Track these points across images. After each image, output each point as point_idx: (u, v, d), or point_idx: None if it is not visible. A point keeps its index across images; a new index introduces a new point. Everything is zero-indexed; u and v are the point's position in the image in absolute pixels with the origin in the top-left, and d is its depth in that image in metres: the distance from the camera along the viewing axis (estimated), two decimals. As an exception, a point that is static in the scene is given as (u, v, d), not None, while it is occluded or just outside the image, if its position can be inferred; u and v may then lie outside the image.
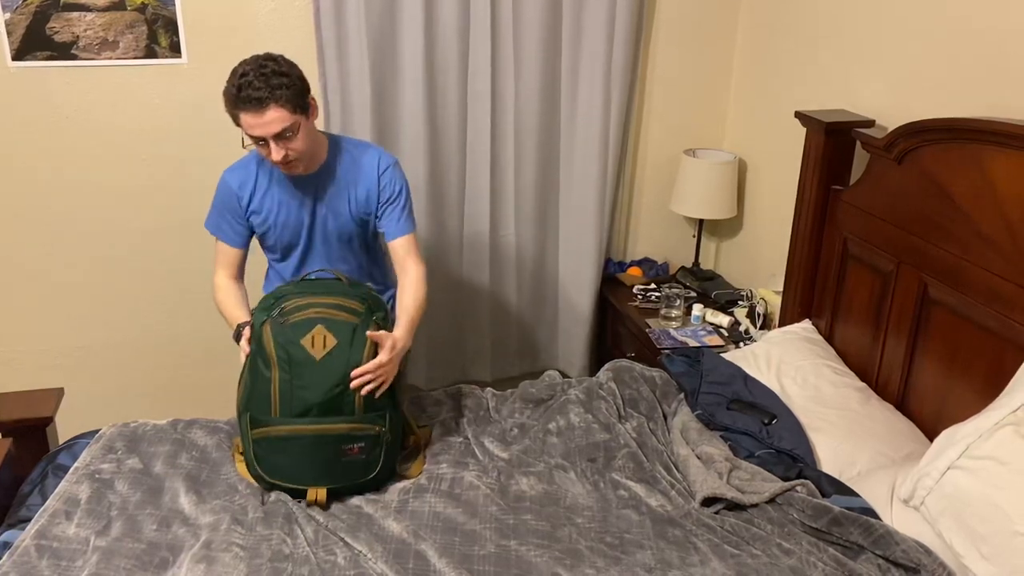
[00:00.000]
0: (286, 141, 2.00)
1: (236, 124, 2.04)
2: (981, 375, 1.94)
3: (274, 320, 1.92)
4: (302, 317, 1.92)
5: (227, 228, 2.22)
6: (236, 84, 1.96)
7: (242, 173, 2.20)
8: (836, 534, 1.76)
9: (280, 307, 1.94)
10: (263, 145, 2.02)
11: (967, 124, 1.94)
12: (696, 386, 2.29)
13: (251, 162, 2.21)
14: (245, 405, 1.95)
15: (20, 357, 3.05)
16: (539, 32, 2.93)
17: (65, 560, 1.71)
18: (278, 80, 1.96)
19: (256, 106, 1.95)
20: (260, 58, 2.00)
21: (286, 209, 2.20)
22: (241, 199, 2.19)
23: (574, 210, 3.20)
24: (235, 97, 1.97)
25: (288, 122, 1.98)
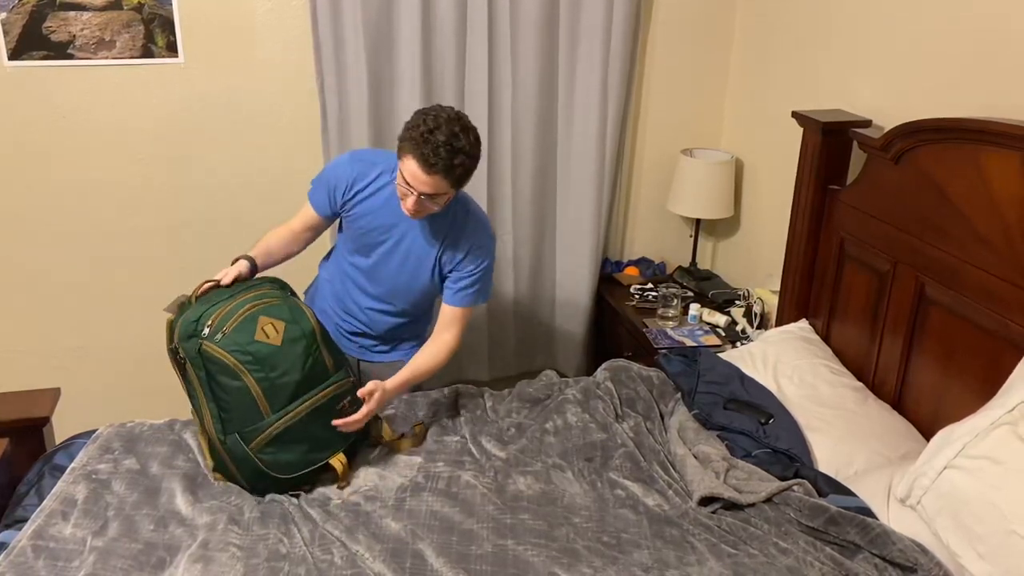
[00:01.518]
0: (428, 200, 2.03)
1: (398, 152, 2.02)
2: (977, 375, 1.94)
3: (211, 339, 1.88)
4: (239, 319, 1.91)
5: (320, 194, 2.24)
6: (423, 134, 1.94)
7: (364, 169, 2.20)
8: (833, 533, 1.76)
9: (204, 326, 1.89)
10: (406, 186, 2.01)
11: (964, 124, 1.95)
12: (693, 386, 2.30)
13: (378, 163, 2.21)
14: (224, 429, 1.92)
15: (17, 357, 3.04)
16: (536, 32, 2.93)
17: (62, 560, 1.71)
18: (460, 159, 1.97)
19: (428, 167, 1.95)
20: (456, 123, 1.97)
21: (379, 221, 2.20)
22: (349, 188, 2.20)
23: (571, 210, 3.20)
24: (416, 144, 1.95)
25: (442, 191, 2.02)
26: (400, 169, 2.02)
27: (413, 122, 1.99)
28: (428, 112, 1.99)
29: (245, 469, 1.93)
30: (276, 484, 1.95)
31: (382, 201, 2.19)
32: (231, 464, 1.94)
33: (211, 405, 1.92)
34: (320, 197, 2.24)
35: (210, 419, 1.93)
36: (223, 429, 1.92)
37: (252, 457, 1.91)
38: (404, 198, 2.05)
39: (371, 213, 2.20)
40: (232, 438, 1.91)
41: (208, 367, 1.89)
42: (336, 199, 2.22)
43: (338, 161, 2.26)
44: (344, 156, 2.27)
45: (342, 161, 2.25)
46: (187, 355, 1.90)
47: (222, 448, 1.93)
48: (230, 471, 1.96)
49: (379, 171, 2.20)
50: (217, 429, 1.92)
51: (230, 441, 1.91)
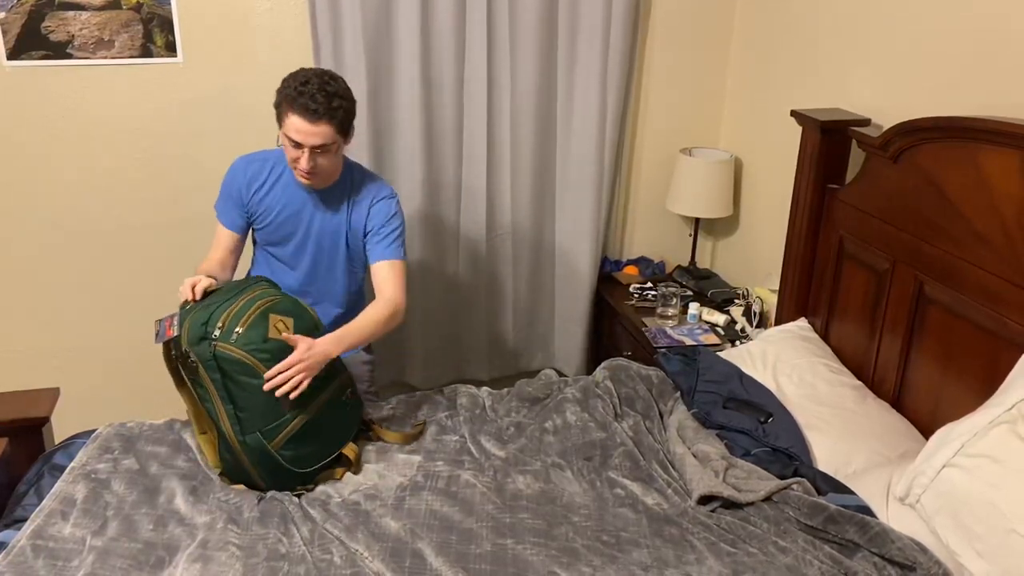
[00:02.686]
0: (319, 154, 2.09)
1: (278, 120, 2.10)
2: (976, 373, 1.95)
3: (225, 340, 1.88)
4: (251, 318, 1.92)
5: (227, 210, 2.29)
6: (296, 88, 2.03)
7: (257, 166, 2.27)
8: (832, 532, 1.76)
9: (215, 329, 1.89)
10: (296, 149, 2.08)
11: (962, 123, 1.95)
12: (692, 385, 2.30)
13: (266, 159, 2.28)
14: (243, 429, 1.92)
15: (16, 356, 3.04)
16: (535, 31, 2.93)
17: (61, 560, 1.71)
18: (338, 102, 2.06)
19: (311, 116, 2.03)
20: (324, 74, 2.08)
21: (287, 212, 2.27)
22: (248, 189, 2.26)
23: (570, 209, 3.20)
24: (293, 99, 2.04)
25: (330, 140, 2.08)
26: (284, 133, 2.08)
27: (283, 85, 2.08)
28: (295, 73, 2.08)
29: (265, 467, 1.94)
30: (292, 479, 1.96)
31: (281, 190, 2.25)
32: (249, 463, 1.94)
33: (228, 407, 1.92)
34: (229, 212, 2.29)
35: (227, 421, 1.92)
36: (242, 429, 1.92)
37: (274, 455, 1.92)
38: (296, 162, 2.10)
39: (276, 205, 2.26)
40: (253, 437, 1.91)
41: (224, 368, 1.89)
42: (242, 204, 2.27)
43: (230, 171, 2.30)
44: (235, 163, 2.30)
45: (234, 168, 2.29)
46: (200, 359, 1.89)
47: (240, 448, 1.93)
48: (244, 471, 1.96)
49: (271, 164, 2.26)
50: (236, 430, 1.92)
51: (251, 440, 1.92)
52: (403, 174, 3.01)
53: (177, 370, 1.98)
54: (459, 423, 2.23)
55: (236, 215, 2.28)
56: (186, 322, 1.92)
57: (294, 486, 1.96)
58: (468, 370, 3.35)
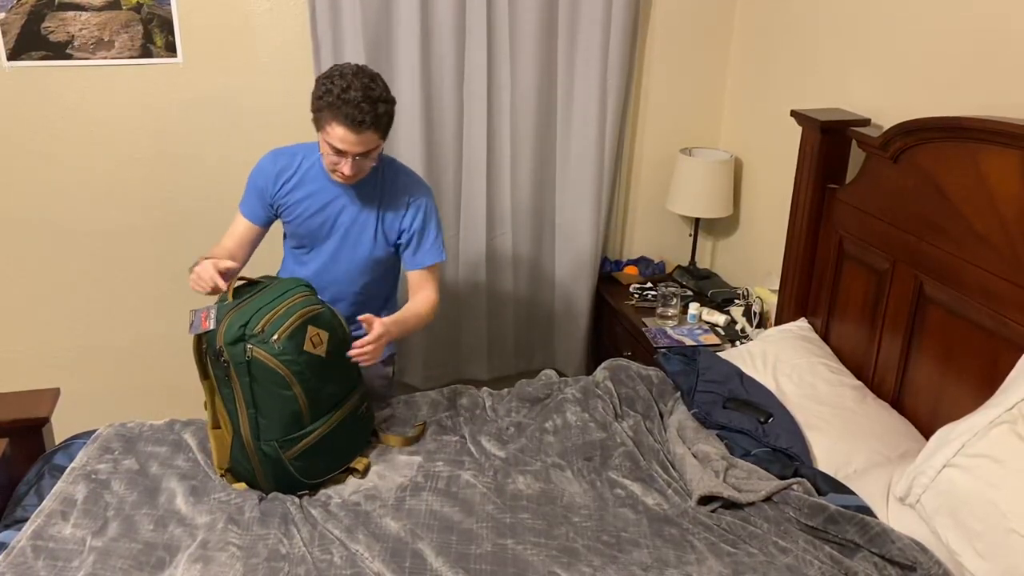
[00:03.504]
0: (362, 159, 2.02)
1: (316, 125, 2.03)
2: (976, 373, 1.95)
3: (262, 346, 1.87)
4: (290, 328, 1.89)
5: (250, 201, 2.23)
6: (339, 96, 1.93)
7: (286, 159, 2.20)
8: (832, 532, 1.76)
9: (252, 330, 1.87)
10: (338, 156, 2.01)
11: (962, 123, 1.95)
12: (692, 385, 2.30)
13: (296, 154, 2.21)
14: (260, 435, 1.91)
15: (16, 357, 3.04)
16: (535, 31, 2.93)
17: (61, 560, 1.71)
18: (383, 107, 1.97)
19: (356, 127, 1.94)
20: (363, 75, 1.97)
21: (316, 204, 2.20)
22: (277, 181, 2.19)
23: (570, 209, 3.20)
24: (336, 108, 1.94)
25: (374, 145, 2.02)
26: (325, 140, 2.00)
27: (321, 90, 1.97)
28: (331, 75, 1.97)
29: (274, 474, 1.93)
30: (298, 486, 1.96)
31: (310, 182, 2.19)
32: (259, 468, 1.94)
33: (250, 411, 1.90)
34: (252, 205, 2.22)
35: (247, 424, 1.91)
36: (259, 436, 1.91)
37: (287, 464, 1.92)
38: (336, 167, 2.04)
39: (305, 198, 2.19)
40: (269, 445, 1.91)
41: (254, 373, 1.87)
42: (267, 198, 2.21)
43: (259, 164, 2.23)
44: (264, 158, 2.23)
45: (263, 162, 2.22)
46: (232, 360, 1.86)
47: (254, 453, 1.92)
48: (251, 473, 1.96)
49: (300, 158, 2.20)
50: (253, 435, 1.91)
51: (267, 448, 1.91)
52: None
53: (205, 363, 1.95)
54: (459, 423, 2.23)
55: (258, 206, 2.22)
56: (224, 319, 1.89)
57: (297, 492, 1.96)
58: (468, 370, 3.35)
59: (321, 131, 2.02)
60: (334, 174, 2.09)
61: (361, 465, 2.03)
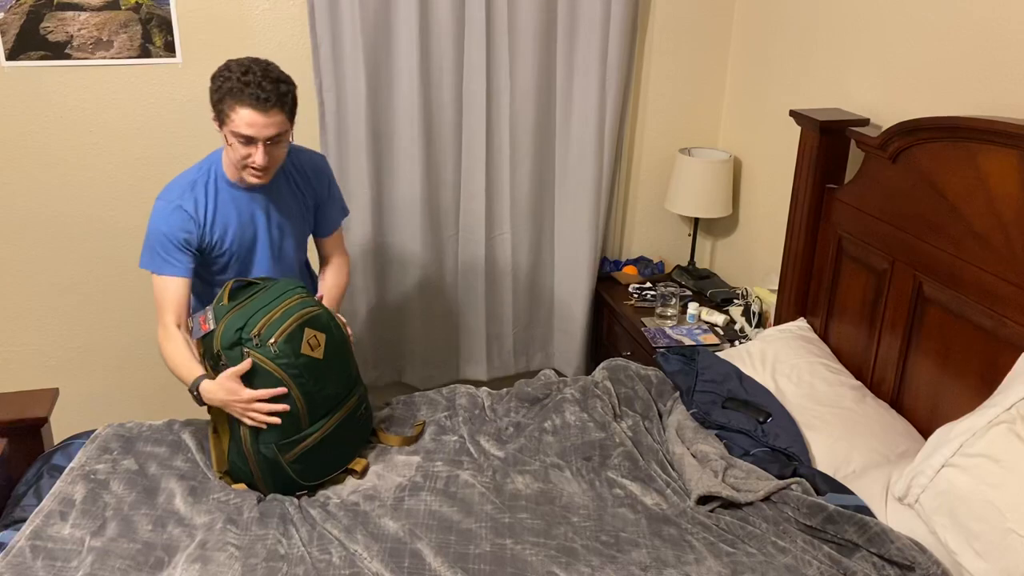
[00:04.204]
0: (272, 146, 1.97)
1: (219, 119, 1.96)
2: (975, 373, 1.95)
3: (259, 348, 1.86)
4: (287, 331, 1.88)
5: (176, 259, 2.04)
6: (240, 80, 1.90)
7: (190, 194, 2.05)
8: (831, 532, 1.76)
9: (249, 333, 1.86)
10: (247, 146, 1.95)
11: (961, 123, 1.95)
12: (691, 384, 2.30)
13: (195, 183, 2.07)
14: (259, 438, 1.90)
15: (15, 357, 3.04)
16: (534, 31, 2.93)
17: (60, 561, 1.71)
18: (285, 87, 1.95)
19: (263, 106, 1.90)
20: (260, 61, 1.95)
21: (243, 221, 2.12)
22: (198, 221, 2.05)
23: (569, 209, 3.20)
24: (238, 90, 1.90)
25: (284, 128, 1.97)
26: (231, 132, 1.93)
27: (218, 81, 1.93)
28: (226, 66, 1.94)
29: (273, 477, 1.94)
30: (296, 488, 1.96)
31: (222, 205, 2.08)
32: (257, 470, 1.94)
33: None
34: (179, 262, 2.03)
35: (245, 427, 1.91)
36: (258, 438, 1.91)
37: (285, 467, 1.92)
38: (247, 159, 1.96)
39: (230, 221, 2.10)
40: (268, 448, 1.90)
41: (251, 377, 1.87)
42: (192, 242, 2.05)
43: (162, 216, 2.03)
44: (160, 206, 2.04)
45: (164, 211, 2.03)
46: (229, 363, 1.87)
47: (252, 456, 1.92)
48: (250, 475, 1.96)
49: (202, 184, 2.07)
50: (251, 438, 1.91)
51: (265, 451, 1.91)
52: (402, 174, 3.01)
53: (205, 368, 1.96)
54: (458, 423, 2.23)
55: (188, 259, 2.05)
56: (221, 323, 1.89)
57: (295, 493, 1.96)
58: (468, 370, 3.35)
59: (225, 124, 1.94)
60: (245, 171, 2.00)
61: (359, 466, 2.03)
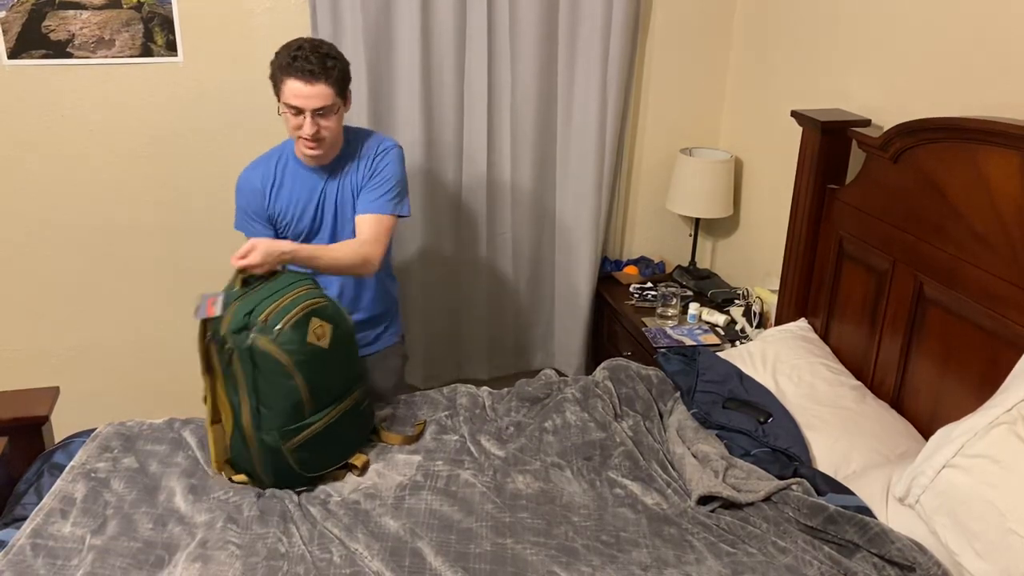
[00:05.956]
0: (321, 118, 2.10)
1: (276, 93, 2.13)
2: (976, 373, 1.95)
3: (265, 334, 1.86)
4: (293, 319, 1.89)
5: (254, 226, 2.27)
6: (291, 54, 2.06)
7: (263, 168, 2.27)
8: (831, 532, 1.76)
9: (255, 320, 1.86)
10: (297, 116, 2.09)
11: (962, 123, 1.95)
12: (692, 385, 2.30)
13: (270, 158, 2.28)
14: (261, 425, 1.90)
15: (16, 355, 3.04)
16: (535, 31, 2.93)
17: (61, 559, 1.71)
18: (332, 62, 2.09)
19: (308, 77, 2.05)
20: (312, 40, 2.11)
21: (304, 197, 2.25)
22: (265, 193, 2.25)
23: (570, 209, 3.20)
24: (288, 64, 2.06)
25: (330, 101, 2.09)
26: (284, 105, 2.10)
27: (275, 58, 2.11)
28: (285, 45, 2.11)
29: (273, 465, 1.93)
30: (297, 481, 1.96)
31: (292, 179, 2.25)
32: (259, 459, 1.93)
33: (252, 400, 1.90)
34: (254, 227, 2.26)
35: (248, 415, 1.91)
36: (260, 425, 1.91)
37: (286, 456, 1.91)
38: (299, 130, 2.11)
39: (292, 196, 2.25)
40: (271, 435, 1.90)
41: (257, 362, 1.87)
42: (264, 211, 2.26)
43: (240, 186, 2.28)
44: (240, 177, 2.29)
45: (242, 181, 2.28)
46: (237, 347, 1.87)
47: (254, 443, 1.92)
48: (249, 464, 1.95)
49: (275, 160, 2.27)
50: (254, 424, 1.91)
51: (267, 438, 1.90)
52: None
53: (207, 354, 1.94)
54: (459, 423, 2.23)
55: (262, 227, 2.26)
56: (230, 308, 1.89)
57: (296, 487, 1.96)
58: (468, 370, 3.35)
59: (281, 100, 2.11)
60: (300, 143, 2.15)
61: (360, 462, 2.03)
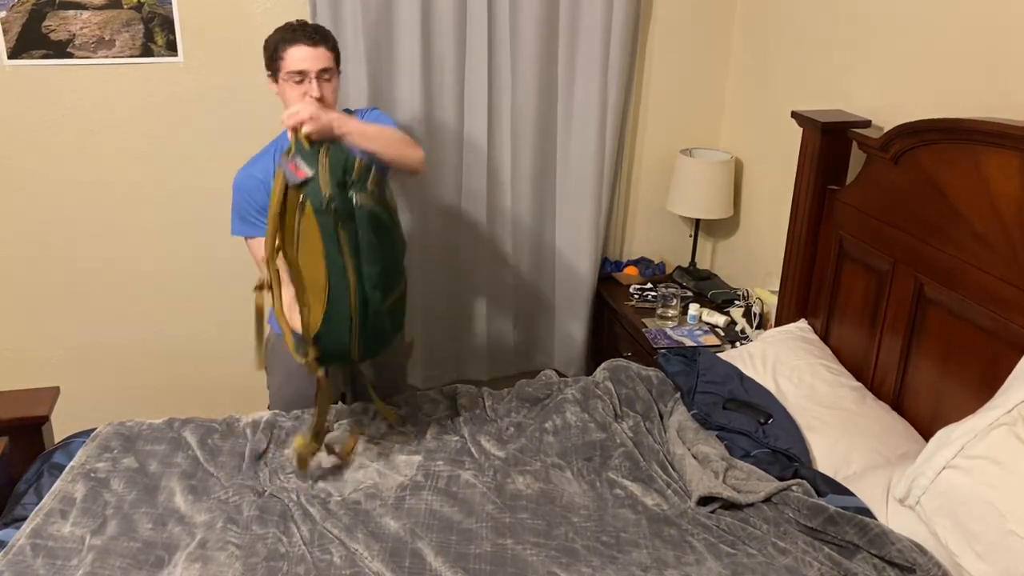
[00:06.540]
0: (326, 82, 2.16)
1: (274, 70, 2.18)
2: (976, 375, 1.95)
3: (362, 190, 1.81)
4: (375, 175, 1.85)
5: (259, 221, 2.20)
6: (290, 28, 2.17)
7: (261, 163, 2.26)
8: (832, 533, 1.76)
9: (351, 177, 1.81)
10: (301, 84, 2.13)
11: (963, 124, 1.95)
12: (692, 385, 2.30)
13: (266, 153, 2.28)
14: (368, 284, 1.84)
15: (16, 355, 3.04)
16: (536, 32, 2.93)
17: (60, 559, 1.71)
18: (326, 31, 2.20)
19: (311, 41, 2.14)
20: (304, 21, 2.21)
21: None
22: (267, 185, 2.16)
23: (571, 210, 3.20)
24: (289, 35, 2.14)
25: (331, 64, 2.18)
26: (287, 73, 2.14)
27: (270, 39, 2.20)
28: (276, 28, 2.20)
29: (373, 329, 1.88)
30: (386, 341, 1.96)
31: None
32: (357, 324, 1.85)
33: (354, 260, 1.82)
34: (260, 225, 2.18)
35: (352, 275, 1.81)
36: (365, 285, 1.84)
37: (384, 314, 1.89)
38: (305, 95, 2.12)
39: None
40: (375, 294, 1.85)
41: (361, 218, 1.81)
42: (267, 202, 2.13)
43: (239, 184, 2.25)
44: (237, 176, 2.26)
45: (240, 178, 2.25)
46: (340, 203, 1.78)
47: (356, 306, 1.83)
48: (344, 338, 1.86)
49: (271, 153, 2.25)
50: (358, 285, 1.83)
51: (371, 296, 1.85)
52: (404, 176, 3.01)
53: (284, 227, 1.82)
54: (459, 423, 2.23)
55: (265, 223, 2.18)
56: (323, 161, 1.79)
57: (378, 353, 1.96)
58: (468, 370, 3.35)
59: (280, 71, 2.15)
60: None
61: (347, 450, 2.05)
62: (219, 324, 3.13)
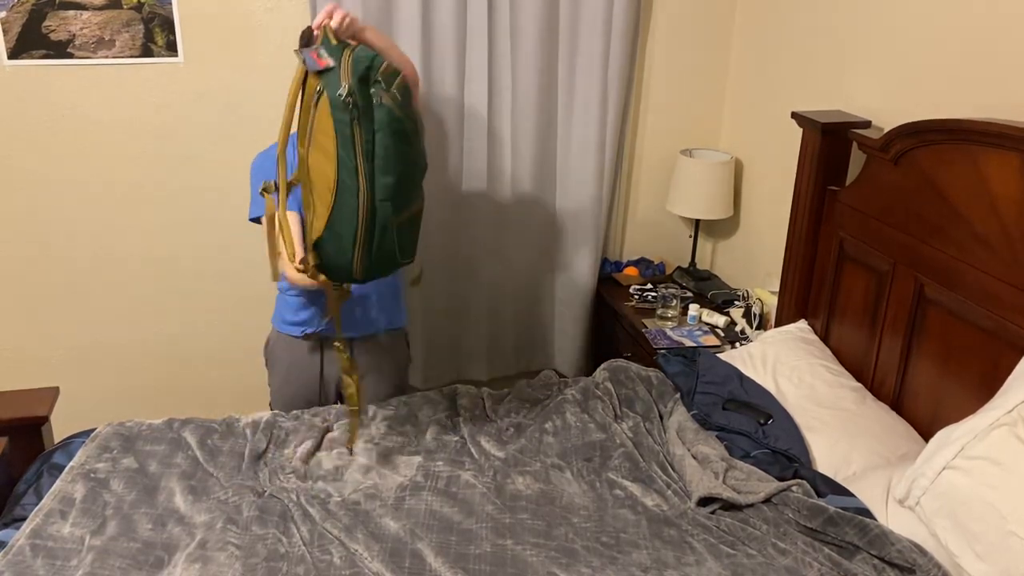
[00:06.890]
0: None
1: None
2: (976, 375, 1.95)
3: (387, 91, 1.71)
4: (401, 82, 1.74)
5: None
6: None
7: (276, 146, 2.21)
8: (831, 534, 1.76)
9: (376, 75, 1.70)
10: None
11: (963, 125, 1.95)
12: (692, 386, 2.30)
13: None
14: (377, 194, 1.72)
15: (16, 355, 3.04)
16: (536, 32, 2.93)
17: (60, 559, 1.71)
18: None
19: None
20: None
21: None
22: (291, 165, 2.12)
23: (571, 210, 3.20)
24: None
25: None
26: None
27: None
28: None
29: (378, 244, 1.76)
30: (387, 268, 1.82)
31: None
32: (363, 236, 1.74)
33: (367, 165, 1.70)
34: None
35: (363, 179, 1.70)
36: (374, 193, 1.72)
37: (392, 233, 1.75)
38: None
39: None
40: (384, 205, 1.72)
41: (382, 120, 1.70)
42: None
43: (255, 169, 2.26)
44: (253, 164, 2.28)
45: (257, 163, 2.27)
46: (360, 100, 1.67)
47: (366, 215, 1.72)
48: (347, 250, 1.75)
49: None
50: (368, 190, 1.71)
51: (381, 208, 1.72)
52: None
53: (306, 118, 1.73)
54: (459, 423, 2.23)
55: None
56: (347, 56, 1.69)
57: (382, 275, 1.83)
58: (468, 370, 3.35)
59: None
60: None
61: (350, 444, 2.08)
62: (219, 324, 3.14)
